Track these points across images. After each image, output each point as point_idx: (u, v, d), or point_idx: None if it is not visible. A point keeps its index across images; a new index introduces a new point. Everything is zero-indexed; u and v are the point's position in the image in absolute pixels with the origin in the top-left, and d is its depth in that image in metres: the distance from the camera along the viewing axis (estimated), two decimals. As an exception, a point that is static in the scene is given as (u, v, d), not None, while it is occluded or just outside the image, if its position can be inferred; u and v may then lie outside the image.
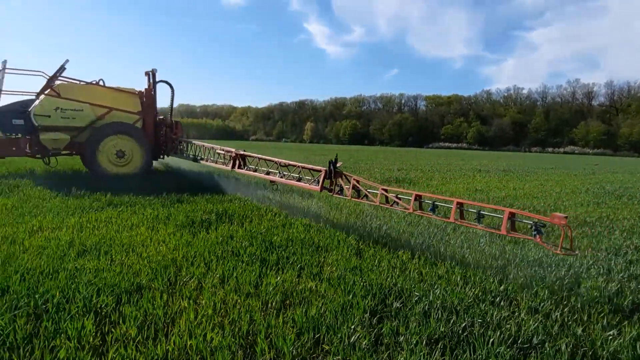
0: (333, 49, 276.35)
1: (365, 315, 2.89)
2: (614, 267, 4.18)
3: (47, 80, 9.74)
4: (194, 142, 10.25)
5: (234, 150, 7.97)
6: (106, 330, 2.60)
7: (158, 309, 2.86)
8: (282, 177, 6.68)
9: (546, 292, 3.39)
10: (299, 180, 6.34)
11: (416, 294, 3.29)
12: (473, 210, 4.36)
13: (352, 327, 2.72)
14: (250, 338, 2.60)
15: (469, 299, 3.22)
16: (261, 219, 5.91)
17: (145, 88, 11.21)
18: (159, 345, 2.41)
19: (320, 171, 5.82)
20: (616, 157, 64.92)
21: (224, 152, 8.38)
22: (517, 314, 3.03)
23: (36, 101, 9.80)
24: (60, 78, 9.91)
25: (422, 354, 2.44)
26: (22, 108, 9.72)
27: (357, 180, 5.28)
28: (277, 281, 3.46)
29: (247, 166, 7.71)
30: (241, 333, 2.61)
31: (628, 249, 4.96)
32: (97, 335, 2.54)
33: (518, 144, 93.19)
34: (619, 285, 3.65)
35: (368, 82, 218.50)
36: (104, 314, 2.82)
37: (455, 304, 3.13)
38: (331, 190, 5.63)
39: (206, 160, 9.24)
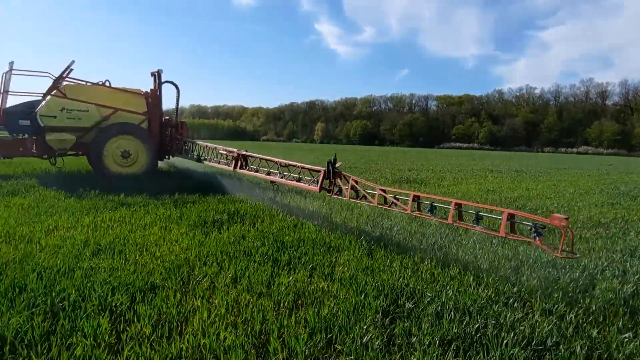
0: (344, 49, 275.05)
1: (378, 316, 2.89)
2: (629, 269, 4.11)
3: (53, 81, 9.86)
4: (198, 142, 10.32)
5: (236, 150, 8.07)
6: (121, 328, 2.64)
7: (172, 307, 2.89)
8: (282, 177, 6.75)
9: (560, 294, 3.35)
10: (299, 180, 6.39)
11: (428, 294, 3.27)
12: (472, 211, 4.30)
13: (365, 327, 2.72)
14: (263, 337, 2.62)
15: (482, 300, 3.19)
16: (272, 219, 5.94)
17: (150, 89, 11.24)
18: (173, 344, 2.44)
19: (320, 171, 5.83)
20: (631, 157, 63.70)
21: (226, 153, 8.46)
22: (530, 315, 3.00)
23: (42, 102, 9.92)
24: (66, 79, 10.01)
25: (434, 355, 2.43)
26: (29, 109, 9.84)
27: (355, 181, 5.25)
28: (289, 281, 3.48)
29: (248, 166, 7.80)
30: (254, 332, 2.63)
31: (644, 250, 4.86)
32: (113, 333, 2.58)
33: (530, 144, 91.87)
34: (634, 287, 3.59)
35: (379, 82, 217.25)
36: (119, 312, 2.87)
37: (468, 305, 3.10)
38: (330, 191, 5.61)
39: (209, 160, 9.31)
